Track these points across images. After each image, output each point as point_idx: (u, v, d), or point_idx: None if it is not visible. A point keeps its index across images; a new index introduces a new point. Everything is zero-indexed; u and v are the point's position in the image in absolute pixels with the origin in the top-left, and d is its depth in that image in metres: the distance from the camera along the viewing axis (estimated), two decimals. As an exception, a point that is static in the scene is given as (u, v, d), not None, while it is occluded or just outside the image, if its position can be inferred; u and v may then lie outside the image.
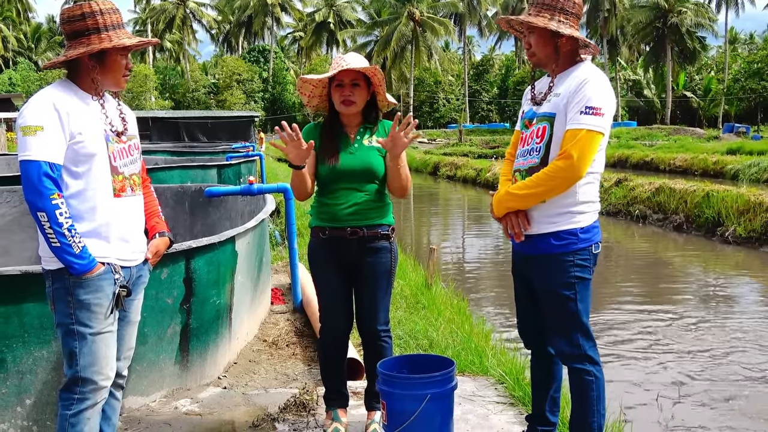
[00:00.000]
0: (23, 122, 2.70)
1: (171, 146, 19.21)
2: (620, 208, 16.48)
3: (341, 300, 3.70)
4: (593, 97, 2.99)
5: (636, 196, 16.28)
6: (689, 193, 14.73)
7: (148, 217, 3.16)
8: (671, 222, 14.70)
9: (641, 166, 29.96)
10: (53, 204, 2.66)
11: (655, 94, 73.63)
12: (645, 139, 46.69)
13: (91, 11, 2.79)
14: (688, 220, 14.30)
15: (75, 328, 2.79)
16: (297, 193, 3.65)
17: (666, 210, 15.13)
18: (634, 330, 7.58)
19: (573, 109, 3.02)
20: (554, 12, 3.09)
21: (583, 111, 2.99)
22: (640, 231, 15.02)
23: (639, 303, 8.91)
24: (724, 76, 69.35)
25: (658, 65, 69.70)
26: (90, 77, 2.86)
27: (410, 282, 7.77)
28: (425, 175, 32.36)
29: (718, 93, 68.84)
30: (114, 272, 2.85)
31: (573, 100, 3.02)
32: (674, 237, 14.08)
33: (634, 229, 15.24)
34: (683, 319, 8.00)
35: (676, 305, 8.81)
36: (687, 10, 63.43)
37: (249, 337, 5.50)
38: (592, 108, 2.98)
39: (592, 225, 3.16)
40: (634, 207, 16.05)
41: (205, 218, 7.39)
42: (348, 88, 3.56)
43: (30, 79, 62.78)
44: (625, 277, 10.78)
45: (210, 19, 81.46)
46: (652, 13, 64.31)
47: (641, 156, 31.54)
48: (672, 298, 9.35)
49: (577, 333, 3.14)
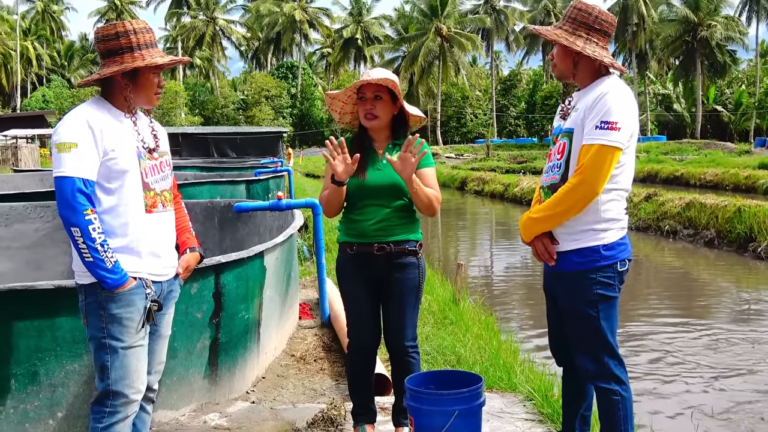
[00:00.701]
0: (58, 139, 2.76)
1: (200, 162, 19.35)
2: (650, 224, 16.31)
3: (369, 315, 3.70)
4: (609, 111, 2.97)
5: (666, 212, 16.10)
6: (720, 208, 14.53)
7: (179, 232, 3.20)
8: (702, 237, 14.51)
9: (671, 180, 29.64)
10: (86, 219, 2.70)
11: (684, 108, 72.94)
12: (675, 154, 46.27)
13: (125, 30, 2.85)
14: (719, 236, 14.11)
15: (107, 341, 2.83)
16: (328, 210, 3.67)
17: (697, 225, 14.94)
18: (664, 345, 7.48)
19: (589, 124, 3.01)
20: (581, 28, 3.11)
21: (598, 126, 2.97)
22: (670, 246, 14.84)
23: (669, 318, 8.79)
24: (755, 90, 68.62)
25: (688, 79, 69.08)
26: (123, 95, 2.91)
27: (438, 297, 7.75)
28: (452, 190, 32.29)
29: (749, 107, 68.10)
30: (145, 287, 2.89)
31: (590, 115, 3.02)
32: (705, 253, 13.90)
33: (664, 245, 15.06)
34: (714, 335, 7.88)
35: (707, 321, 8.68)
36: (717, 23, 62.79)
37: (277, 351, 5.51)
38: (608, 122, 2.95)
39: (617, 242, 3.12)
40: (664, 222, 15.87)
41: (234, 233, 7.44)
42: (370, 101, 3.58)
43: (63, 96, 63.86)
44: (655, 292, 10.66)
45: (239, 36, 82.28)
46: (681, 26, 63.73)
47: (671, 171, 31.24)
48: (703, 313, 9.22)
49: (602, 351, 3.11)
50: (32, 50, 75.38)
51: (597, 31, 3.11)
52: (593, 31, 3.11)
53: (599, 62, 3.11)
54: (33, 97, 69.87)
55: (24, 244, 6.43)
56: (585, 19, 3.11)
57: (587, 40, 3.10)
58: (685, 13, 62.96)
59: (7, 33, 71.68)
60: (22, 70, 75.51)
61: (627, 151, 3.05)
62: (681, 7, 64.47)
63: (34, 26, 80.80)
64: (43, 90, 70.40)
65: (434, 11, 69.01)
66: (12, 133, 43.02)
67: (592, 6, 3.14)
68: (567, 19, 3.16)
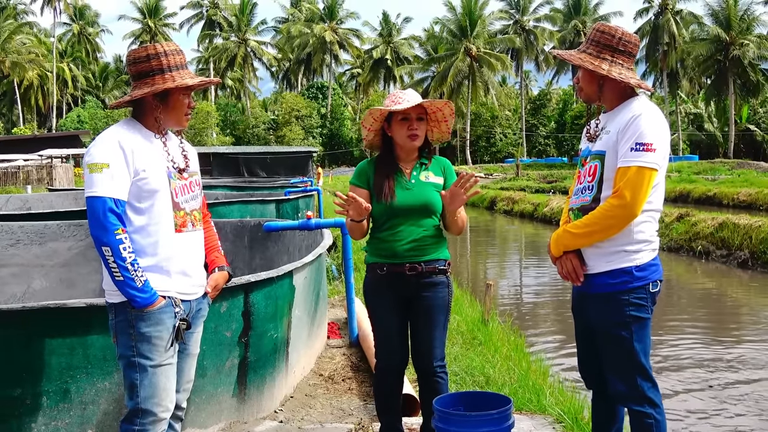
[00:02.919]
0: (90, 160, 2.80)
1: (231, 181, 19.51)
2: (682, 244, 16.12)
3: (397, 335, 3.70)
4: (644, 132, 2.96)
5: (698, 232, 15.91)
6: (754, 228, 14.33)
7: (208, 251, 3.22)
8: (735, 258, 14.31)
9: (703, 200, 29.27)
10: (117, 239, 2.73)
11: (717, 127, 72.17)
12: (707, 173, 45.77)
13: (156, 53, 2.90)
14: (753, 257, 13.90)
15: (136, 360, 2.85)
16: (353, 235, 3.69)
17: (730, 246, 14.74)
18: (696, 367, 7.37)
19: (624, 146, 2.99)
20: (605, 50, 3.10)
21: (633, 147, 2.96)
22: (702, 267, 14.65)
23: (702, 340, 8.67)
24: (789, 109, 67.77)
25: (720, 98, 68.33)
26: (153, 116, 2.95)
27: (466, 318, 7.71)
28: (482, 210, 32.20)
29: (783, 126, 67.24)
30: (174, 305, 2.91)
31: (623, 137, 3.00)
32: (739, 274, 13.69)
33: (696, 266, 14.87)
34: (749, 357, 7.75)
35: (741, 343, 8.54)
36: (749, 42, 62.07)
37: (305, 371, 5.51)
38: (643, 144, 2.94)
39: (649, 263, 3.09)
40: (697, 243, 15.67)
41: (264, 252, 7.47)
42: (415, 122, 3.61)
43: (97, 116, 64.95)
44: (687, 313, 10.50)
45: (270, 57, 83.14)
46: (712, 45, 63.11)
47: (703, 190, 30.86)
48: (737, 335, 9.07)
49: (635, 374, 3.07)
50: (68, 72, 76.74)
51: (621, 52, 3.10)
52: (617, 52, 3.10)
53: (625, 84, 3.10)
54: (68, 117, 71.18)
55: (57, 262, 6.51)
56: (609, 42, 3.10)
57: (612, 62, 3.09)
58: (716, 32, 62.31)
59: (44, 55, 73.20)
60: (57, 91, 77.04)
61: (660, 172, 3.04)
62: (712, 26, 63.81)
63: (70, 48, 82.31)
64: (78, 110, 71.66)
65: (464, 31, 69.22)
66: (47, 152, 43.76)
67: (614, 28, 3.13)
68: (591, 42, 3.15)
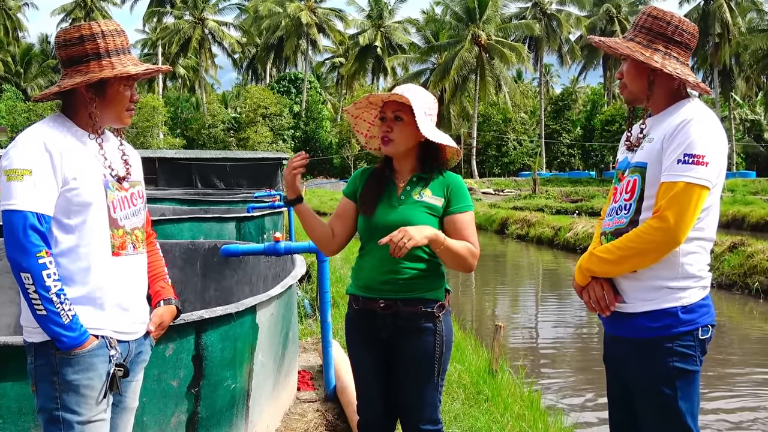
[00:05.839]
0: (8, 165, 2.75)
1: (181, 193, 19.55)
2: (735, 280, 16.20)
3: (380, 387, 3.63)
4: (695, 141, 2.93)
5: (755, 265, 15.99)
6: (823, 262, 14.45)
7: (151, 280, 3.20)
8: (800, 298, 14.43)
9: (762, 227, 29.46)
10: (40, 264, 2.69)
11: (779, 137, 72.93)
12: (766, 194, 46.07)
13: (91, 34, 2.86)
14: (821, 296, 14.02)
15: (60, 414, 2.81)
16: (319, 246, 3.65)
17: (794, 283, 14.85)
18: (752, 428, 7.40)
19: (669, 157, 2.97)
20: (657, 40, 3.08)
21: (681, 159, 2.93)
22: (760, 308, 14.72)
23: (759, 395, 8.70)
24: None
25: (783, 102, 69.13)
26: (88, 111, 2.91)
27: (470, 367, 7.70)
28: (490, 234, 32.26)
29: None
30: (109, 347, 2.87)
31: (670, 146, 2.98)
32: (804, 317, 13.80)
33: (752, 306, 14.94)
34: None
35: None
36: (820, 34, 62.91)
37: (270, 430, 5.49)
38: (693, 156, 2.91)
39: (699, 303, 3.06)
40: (753, 278, 15.76)
41: (221, 282, 7.46)
42: (388, 122, 3.52)
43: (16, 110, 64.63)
44: (742, 362, 10.54)
45: (233, 41, 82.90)
46: (775, 38, 63.90)
47: (762, 214, 31.04)
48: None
49: (680, 440, 3.05)
50: (-20, 54, 76.67)
51: (677, 43, 3.09)
52: (672, 43, 3.08)
53: (679, 82, 3.09)
54: (-21, 110, 71.01)
55: (-37, 290, 6.47)
56: (663, 29, 3.09)
57: (666, 55, 3.07)
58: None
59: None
60: (-33, 78, 76.76)
61: (713, 191, 3.01)
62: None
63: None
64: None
65: (471, 15, 69.18)
66: (-48, 154, 43.51)
67: (669, 13, 3.11)
68: (640, 29, 3.13)
